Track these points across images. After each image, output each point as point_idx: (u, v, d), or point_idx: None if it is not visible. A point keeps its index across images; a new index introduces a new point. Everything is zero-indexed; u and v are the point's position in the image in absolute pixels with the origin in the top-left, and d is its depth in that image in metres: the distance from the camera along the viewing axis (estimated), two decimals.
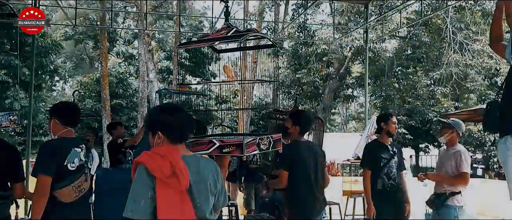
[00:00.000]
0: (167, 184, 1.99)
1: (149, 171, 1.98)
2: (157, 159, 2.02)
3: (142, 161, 2.03)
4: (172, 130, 2.12)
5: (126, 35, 25.15)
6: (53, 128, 3.05)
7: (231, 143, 2.91)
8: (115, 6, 21.59)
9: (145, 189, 1.97)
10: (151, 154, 2.06)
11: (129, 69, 24.51)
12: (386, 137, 4.49)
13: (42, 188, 2.82)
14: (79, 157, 3.00)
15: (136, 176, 2.02)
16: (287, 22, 17.89)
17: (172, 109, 2.20)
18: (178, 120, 2.14)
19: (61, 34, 23.12)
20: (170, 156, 2.04)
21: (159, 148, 2.10)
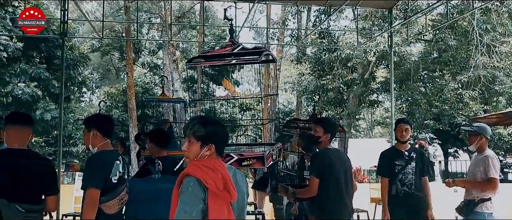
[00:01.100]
0: (219, 196, 2.03)
1: (203, 184, 2.00)
2: (210, 172, 2.04)
3: (195, 174, 2.03)
4: (223, 143, 2.18)
5: (151, 45, 25.56)
6: (93, 140, 3.08)
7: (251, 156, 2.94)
8: (140, 18, 22.01)
9: (197, 201, 1.99)
10: (201, 166, 2.06)
11: (154, 79, 24.87)
12: (399, 144, 4.48)
13: (92, 201, 2.87)
14: (119, 169, 3.05)
15: (185, 187, 2.02)
16: (310, 29, 17.86)
17: (220, 122, 2.23)
18: (227, 133, 2.21)
19: (88, 47, 23.67)
20: (221, 170, 2.08)
21: (206, 161, 2.10)
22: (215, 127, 2.16)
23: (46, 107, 15.61)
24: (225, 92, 26.95)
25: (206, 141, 2.12)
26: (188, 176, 2.04)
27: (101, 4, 21.78)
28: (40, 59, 16.39)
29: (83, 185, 2.94)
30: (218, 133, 2.15)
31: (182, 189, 2.04)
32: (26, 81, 15.52)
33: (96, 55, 25.84)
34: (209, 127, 2.15)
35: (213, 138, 2.13)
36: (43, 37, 15.05)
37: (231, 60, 3.38)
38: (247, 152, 3.11)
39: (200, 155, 2.12)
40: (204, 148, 2.12)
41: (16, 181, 2.71)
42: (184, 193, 2.01)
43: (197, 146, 2.14)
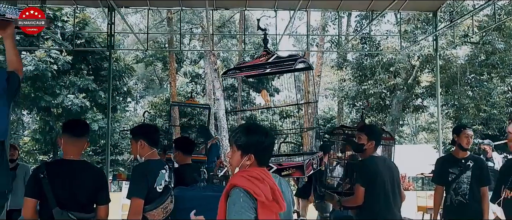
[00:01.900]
0: (268, 207, 2.03)
1: (252, 195, 1.99)
2: (258, 183, 2.03)
3: (243, 185, 2.02)
4: (264, 153, 2.14)
5: (192, 55, 26.05)
6: (140, 150, 3.15)
7: (291, 166, 2.92)
8: (182, 28, 22.50)
9: (248, 212, 1.98)
10: (249, 177, 2.05)
11: (196, 88, 25.31)
12: (458, 151, 4.24)
13: (136, 210, 2.94)
14: (164, 179, 3.10)
15: (236, 198, 2.01)
16: (351, 34, 17.65)
17: (264, 132, 2.18)
18: (270, 143, 2.17)
19: (132, 58, 24.42)
20: (268, 180, 2.07)
21: (252, 170, 2.09)
22: (256, 137, 2.13)
23: (94, 118, 16.18)
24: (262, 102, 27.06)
25: (246, 151, 2.11)
26: (237, 188, 2.02)
27: (145, 17, 22.50)
28: (88, 71, 17.06)
29: (128, 194, 3.01)
30: (259, 143, 2.12)
31: (231, 201, 2.02)
32: (75, 93, 16.16)
33: (140, 66, 26.61)
34: (250, 136, 2.13)
35: (253, 148, 2.11)
36: (91, 50, 15.69)
37: (265, 69, 3.39)
38: (286, 162, 3.11)
39: (241, 164, 2.12)
40: (244, 158, 2.11)
41: (71, 191, 2.79)
42: (235, 205, 2.00)
43: (238, 154, 2.13)
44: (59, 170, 2.84)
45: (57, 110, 16.84)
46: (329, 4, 8.82)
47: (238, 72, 3.65)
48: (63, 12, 15.50)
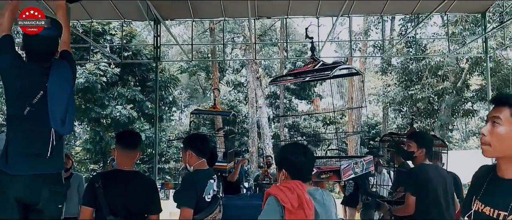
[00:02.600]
0: (295, 215, 2.22)
1: (280, 202, 2.22)
2: (286, 191, 2.25)
3: (274, 193, 2.27)
4: (295, 170, 2.36)
5: (234, 64, 26.34)
6: (189, 160, 3.21)
7: (329, 170, 2.93)
8: (224, 38, 22.82)
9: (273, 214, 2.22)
10: (281, 187, 2.30)
11: (238, 96, 25.54)
12: None
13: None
14: (213, 188, 3.13)
15: (267, 205, 2.27)
16: (395, 38, 17.28)
17: (299, 151, 2.43)
18: (301, 162, 2.38)
19: (177, 68, 24.99)
20: (297, 190, 2.27)
21: (287, 182, 2.34)
22: (291, 156, 2.39)
23: (141, 127, 16.66)
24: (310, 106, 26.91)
25: (280, 167, 2.41)
26: (270, 195, 2.29)
27: (188, 28, 22.99)
28: (135, 82, 17.61)
29: (178, 204, 3.05)
30: (292, 162, 2.37)
31: (264, 207, 2.30)
32: (123, 103, 16.71)
33: (184, 76, 27.18)
34: (282, 154, 2.46)
35: (286, 165, 2.38)
36: (138, 62, 16.21)
37: (305, 77, 3.43)
38: (324, 166, 3.13)
39: (279, 179, 2.41)
40: (280, 173, 2.39)
41: (124, 201, 2.87)
42: (265, 211, 2.28)
43: (277, 170, 2.47)
44: (113, 180, 2.93)
45: (106, 121, 17.47)
46: (372, 8, 8.66)
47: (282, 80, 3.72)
48: (111, 26, 16.12)
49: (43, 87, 2.49)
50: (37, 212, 2.52)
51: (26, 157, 2.47)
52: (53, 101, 2.49)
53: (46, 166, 2.53)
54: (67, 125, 2.55)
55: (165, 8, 7.70)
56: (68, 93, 2.60)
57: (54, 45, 2.59)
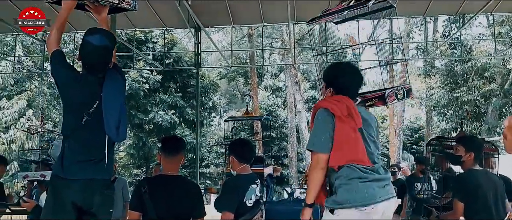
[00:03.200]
0: (345, 122, 2.34)
1: (330, 112, 2.35)
2: (335, 102, 2.39)
3: (323, 105, 2.41)
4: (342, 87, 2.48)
5: (273, 69, 26.38)
6: (232, 165, 3.27)
7: (373, 96, 2.97)
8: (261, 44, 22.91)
9: (326, 128, 2.35)
10: (329, 99, 2.46)
11: (276, 101, 25.54)
12: None
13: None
14: (255, 193, 3.15)
15: (317, 117, 2.40)
16: (439, 40, 16.79)
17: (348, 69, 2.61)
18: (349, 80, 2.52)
19: (216, 74, 25.30)
20: (345, 101, 2.40)
21: (334, 96, 2.48)
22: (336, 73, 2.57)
23: (182, 133, 16.97)
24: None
25: (328, 85, 2.54)
26: (319, 108, 2.43)
27: (226, 34, 23.26)
28: (176, 89, 17.98)
29: (219, 208, 3.09)
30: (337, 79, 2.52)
31: (315, 119, 2.41)
32: (165, 109, 17.09)
33: (223, 81, 27.47)
34: (331, 72, 2.60)
35: (333, 83, 2.52)
36: (179, 68, 16.55)
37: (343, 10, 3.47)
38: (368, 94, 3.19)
39: (325, 95, 2.55)
40: (327, 90, 2.54)
41: (170, 205, 2.92)
42: (316, 121, 2.40)
43: (324, 87, 2.59)
44: (159, 184, 3.00)
45: (148, 126, 17.92)
46: (415, 9, 8.48)
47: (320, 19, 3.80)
48: (152, 34, 16.55)
49: (98, 97, 2.57)
50: (91, 215, 2.61)
51: (82, 163, 2.56)
52: (107, 110, 2.57)
53: (100, 172, 2.62)
54: (121, 133, 2.62)
55: (206, 16, 7.85)
56: (121, 101, 2.68)
57: (109, 55, 2.67)
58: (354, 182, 2.28)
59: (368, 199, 2.26)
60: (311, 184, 2.39)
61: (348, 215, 2.26)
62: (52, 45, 2.67)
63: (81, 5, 2.88)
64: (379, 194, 2.30)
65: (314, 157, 2.35)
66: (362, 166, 2.31)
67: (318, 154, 2.32)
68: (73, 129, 2.60)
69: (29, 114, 16.90)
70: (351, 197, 2.26)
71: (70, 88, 2.61)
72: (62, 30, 2.77)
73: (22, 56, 15.86)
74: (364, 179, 2.30)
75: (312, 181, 2.38)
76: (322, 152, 2.30)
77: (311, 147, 2.34)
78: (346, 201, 2.27)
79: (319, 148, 2.31)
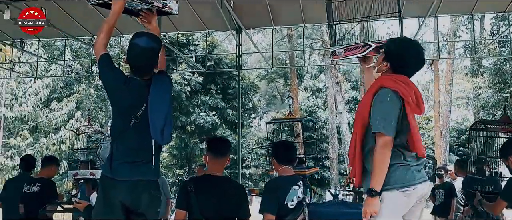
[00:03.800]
0: (412, 108, 2.33)
1: (399, 95, 2.30)
2: (405, 86, 2.33)
3: (391, 86, 2.32)
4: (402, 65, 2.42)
5: (313, 70, 26.22)
6: (274, 166, 3.29)
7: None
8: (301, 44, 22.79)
9: (395, 111, 2.29)
10: (397, 80, 2.35)
11: (317, 102, 25.35)
12: None
13: None
14: (297, 195, 3.13)
15: (383, 97, 2.31)
16: (487, 38, 16.15)
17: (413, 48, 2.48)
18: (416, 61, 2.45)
19: (255, 76, 25.43)
20: (412, 86, 2.37)
21: (397, 75, 2.39)
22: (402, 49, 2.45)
23: (223, 134, 17.15)
24: None
25: (388, 58, 2.45)
26: (385, 88, 2.33)
27: (266, 35, 23.31)
28: (217, 90, 18.20)
29: (260, 210, 3.10)
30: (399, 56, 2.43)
31: (379, 99, 2.32)
32: (206, 111, 17.34)
33: (263, 82, 27.55)
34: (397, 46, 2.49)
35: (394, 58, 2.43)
36: (220, 70, 16.76)
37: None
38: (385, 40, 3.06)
39: (379, 67, 2.49)
40: (383, 63, 2.46)
41: (215, 205, 2.96)
42: (383, 103, 2.31)
43: (381, 57, 2.50)
44: (204, 184, 3.04)
45: (190, 128, 18.23)
46: (462, 7, 8.18)
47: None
48: (194, 37, 16.85)
49: (145, 101, 2.61)
50: (139, 215, 2.67)
51: (129, 164, 2.62)
52: (153, 113, 2.61)
53: (147, 173, 2.67)
54: (165, 136, 2.65)
55: (247, 17, 7.88)
56: (167, 105, 2.71)
57: (156, 57, 2.72)
58: (395, 166, 2.32)
59: (408, 181, 2.32)
60: (381, 168, 2.28)
61: (391, 197, 2.30)
62: (99, 49, 2.73)
63: (129, 10, 2.95)
64: (417, 177, 2.36)
65: (383, 139, 2.28)
66: (408, 152, 2.37)
67: (386, 137, 2.26)
68: (121, 131, 2.65)
69: (77, 116, 17.57)
70: (393, 180, 2.29)
71: (118, 91, 2.66)
72: (110, 34, 2.80)
73: (71, 60, 16.51)
74: (405, 163, 2.35)
75: (381, 165, 2.28)
76: (391, 135, 2.26)
77: (382, 129, 2.26)
78: (388, 183, 2.29)
79: (390, 131, 2.26)
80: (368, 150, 2.40)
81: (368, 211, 2.27)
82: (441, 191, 6.79)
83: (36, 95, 18.11)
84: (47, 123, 18.39)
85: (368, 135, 2.39)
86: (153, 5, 2.89)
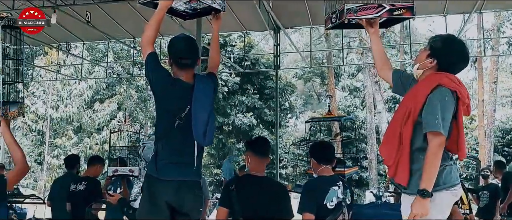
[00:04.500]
0: (464, 110, 2.33)
1: (457, 95, 2.28)
2: (460, 85, 2.32)
3: (451, 86, 2.29)
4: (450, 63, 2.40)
5: (350, 69, 25.89)
6: (312, 166, 3.26)
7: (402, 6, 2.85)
8: (339, 43, 22.53)
9: (451, 111, 2.27)
10: (454, 80, 2.32)
11: (354, 101, 25.01)
12: None
13: None
14: (336, 195, 3.08)
15: (441, 97, 2.27)
16: None
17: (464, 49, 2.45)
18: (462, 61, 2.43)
19: (292, 75, 25.36)
20: (464, 86, 2.36)
21: (450, 74, 2.36)
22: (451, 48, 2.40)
23: (260, 134, 17.21)
24: None
25: (435, 55, 2.38)
26: (443, 87, 2.28)
27: (303, 34, 23.19)
28: (253, 90, 18.29)
29: (299, 210, 3.07)
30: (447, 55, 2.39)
31: (436, 97, 2.26)
32: (243, 111, 17.44)
33: (299, 82, 27.44)
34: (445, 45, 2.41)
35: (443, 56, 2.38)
36: (257, 71, 16.82)
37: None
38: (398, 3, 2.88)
39: (423, 63, 2.41)
40: (428, 59, 2.39)
41: (257, 204, 2.97)
42: (442, 102, 2.25)
43: (425, 53, 2.43)
44: (246, 184, 3.07)
45: (227, 128, 18.39)
46: (507, 3, 7.88)
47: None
48: (231, 38, 16.98)
49: (190, 102, 2.65)
50: (183, 215, 2.72)
51: (174, 164, 2.66)
52: (196, 114, 2.64)
53: (191, 173, 2.72)
54: (207, 137, 2.68)
55: (285, 17, 7.89)
56: (209, 107, 2.74)
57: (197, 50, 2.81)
58: (443, 166, 2.29)
59: (454, 180, 2.33)
60: (435, 169, 2.22)
61: (442, 197, 2.27)
62: (146, 46, 2.72)
63: (175, 10, 3.01)
64: (457, 176, 2.38)
65: (440, 139, 2.23)
66: (451, 153, 2.37)
67: (443, 137, 2.22)
68: (166, 132, 2.68)
69: (119, 116, 18.08)
70: (442, 180, 2.27)
71: (164, 91, 2.71)
72: (157, 29, 2.77)
73: (112, 62, 17.01)
74: (450, 164, 2.34)
75: (436, 165, 2.22)
76: (445, 136, 2.23)
77: (441, 129, 2.20)
78: (438, 184, 2.25)
79: (446, 132, 2.23)
80: (416, 149, 2.32)
81: (418, 213, 2.19)
82: (485, 193, 6.60)
83: (80, 96, 18.80)
84: (91, 123, 19.05)
85: (416, 133, 2.32)
86: (202, 1, 2.91)
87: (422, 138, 2.29)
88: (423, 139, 2.28)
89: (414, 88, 2.43)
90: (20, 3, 7.40)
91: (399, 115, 2.41)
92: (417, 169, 2.29)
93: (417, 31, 22.28)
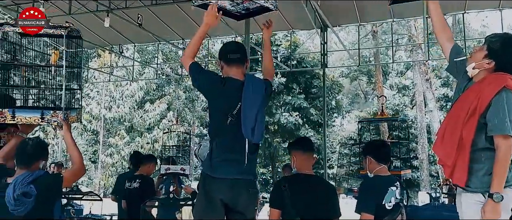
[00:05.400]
0: None
1: None
2: None
3: None
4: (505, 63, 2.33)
5: (398, 66, 25.23)
6: (368, 166, 3.18)
7: None
8: (387, 40, 22.00)
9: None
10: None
11: (403, 100, 24.34)
12: None
13: None
14: (395, 196, 3.03)
15: (508, 99, 2.23)
16: None
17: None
18: None
19: (338, 74, 25.03)
20: None
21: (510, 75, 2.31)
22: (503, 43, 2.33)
23: (306, 134, 17.11)
24: None
25: (494, 56, 2.33)
26: (509, 89, 2.24)
27: (348, 33, 22.83)
28: (299, 90, 18.20)
29: (357, 209, 3.03)
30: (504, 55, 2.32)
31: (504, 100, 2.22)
32: (289, 111, 17.39)
33: (346, 81, 27.04)
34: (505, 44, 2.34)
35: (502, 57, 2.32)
36: (304, 69, 16.72)
37: None
38: None
39: (480, 63, 2.35)
40: (485, 59, 2.33)
41: (308, 203, 2.94)
42: (508, 104, 2.22)
43: (482, 53, 2.37)
44: (297, 183, 3.05)
45: (273, 127, 18.42)
46: None
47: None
48: (276, 37, 16.98)
49: (240, 99, 2.70)
50: (238, 213, 2.75)
51: (228, 162, 2.71)
52: (245, 111, 2.68)
53: (244, 172, 2.74)
54: (256, 134, 2.72)
55: (332, 15, 7.80)
56: (259, 104, 2.76)
57: (245, 51, 2.87)
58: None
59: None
60: (505, 173, 2.21)
61: (510, 197, 2.23)
62: (187, 59, 2.87)
63: (228, 12, 3.05)
64: None
65: (508, 142, 2.21)
66: None
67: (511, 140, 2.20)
68: (219, 130, 2.75)
69: (169, 116, 18.54)
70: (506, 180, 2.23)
71: (215, 91, 2.77)
72: (199, 45, 2.93)
73: (162, 63, 17.47)
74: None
75: (506, 168, 2.21)
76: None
77: (510, 132, 2.19)
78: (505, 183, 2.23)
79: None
80: (477, 149, 2.28)
81: (491, 217, 2.16)
82: None
83: (131, 97, 19.45)
84: (142, 123, 19.67)
85: (477, 134, 2.28)
86: (255, 1, 2.95)
87: (483, 138, 2.26)
88: (485, 139, 2.26)
89: (476, 87, 2.37)
90: (76, 8, 7.76)
91: (458, 115, 2.35)
92: (479, 169, 2.27)
93: (470, 26, 21.36)
